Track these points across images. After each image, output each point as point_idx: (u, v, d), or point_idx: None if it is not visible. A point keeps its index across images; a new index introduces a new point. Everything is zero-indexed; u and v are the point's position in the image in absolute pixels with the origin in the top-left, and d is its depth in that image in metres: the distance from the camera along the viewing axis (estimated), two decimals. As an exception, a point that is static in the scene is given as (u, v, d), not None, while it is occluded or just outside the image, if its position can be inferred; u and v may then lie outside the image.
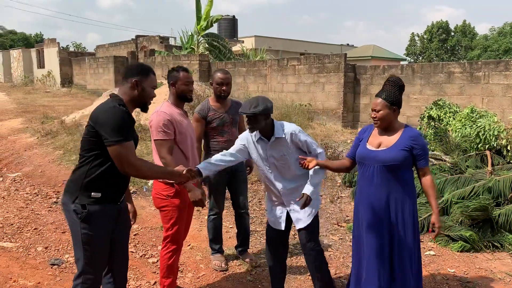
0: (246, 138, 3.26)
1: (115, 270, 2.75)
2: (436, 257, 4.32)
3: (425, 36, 49.02)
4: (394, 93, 2.88)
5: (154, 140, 3.19)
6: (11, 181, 7.26)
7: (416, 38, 50.64)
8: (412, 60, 47.76)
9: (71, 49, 42.81)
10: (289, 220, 3.29)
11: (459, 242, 4.40)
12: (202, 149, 4.08)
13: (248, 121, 3.06)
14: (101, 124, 2.37)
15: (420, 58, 48.59)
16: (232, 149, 3.28)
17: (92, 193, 2.45)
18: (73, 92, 22.12)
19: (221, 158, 3.19)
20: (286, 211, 3.26)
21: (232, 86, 4.08)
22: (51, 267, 4.08)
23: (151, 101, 2.68)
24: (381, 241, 2.90)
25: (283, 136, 3.12)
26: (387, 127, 2.93)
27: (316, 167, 3.06)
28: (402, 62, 28.07)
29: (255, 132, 3.16)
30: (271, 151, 3.16)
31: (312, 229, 3.23)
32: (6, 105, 16.99)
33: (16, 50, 30.50)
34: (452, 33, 48.29)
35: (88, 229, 2.46)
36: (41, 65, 27.31)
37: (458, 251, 4.38)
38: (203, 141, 4.03)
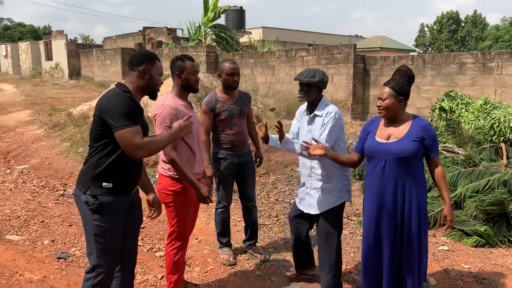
0: (301, 108, 3.36)
1: (123, 265, 2.69)
2: (450, 252, 4.21)
3: (435, 27, 48.39)
4: (402, 83, 2.78)
5: (157, 133, 3.09)
6: (19, 173, 7.23)
7: (426, 29, 50.02)
8: (421, 51, 47.18)
9: (79, 41, 42.83)
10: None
11: (474, 237, 4.28)
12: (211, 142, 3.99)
13: (301, 89, 3.17)
14: (105, 111, 2.34)
15: (430, 49, 48.00)
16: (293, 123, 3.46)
17: (104, 184, 2.41)
18: (80, 84, 22.14)
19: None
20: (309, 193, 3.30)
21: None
22: (58, 261, 4.03)
23: (159, 89, 2.62)
24: (393, 236, 2.83)
25: (321, 114, 3.17)
26: (392, 117, 2.83)
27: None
28: (411, 53, 27.74)
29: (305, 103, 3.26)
30: (310, 126, 3.23)
31: (326, 217, 3.22)
32: (14, 97, 17.03)
33: (24, 42, 30.56)
34: (463, 24, 47.60)
35: (100, 221, 2.42)
36: (49, 57, 27.34)
37: (472, 246, 4.26)
38: (211, 134, 3.94)
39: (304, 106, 3.39)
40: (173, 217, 3.15)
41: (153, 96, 2.61)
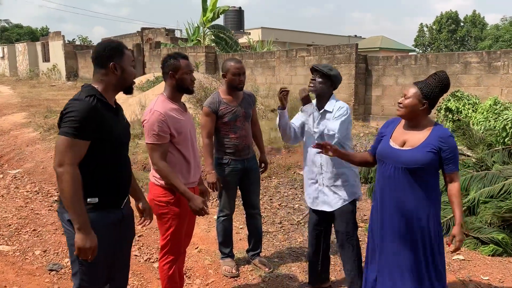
0: (310, 104, 3.22)
1: (113, 283, 2.43)
2: (466, 262, 3.97)
3: (434, 27, 48.28)
4: (433, 88, 2.52)
5: (146, 143, 2.82)
6: (12, 178, 6.99)
7: (425, 29, 49.87)
8: (420, 51, 46.99)
9: (77, 42, 42.59)
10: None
11: (490, 245, 4.05)
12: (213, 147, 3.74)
13: (314, 78, 3.10)
14: (62, 118, 2.10)
15: (429, 49, 47.84)
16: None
17: (88, 199, 2.13)
18: (78, 86, 21.83)
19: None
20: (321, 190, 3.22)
21: None
22: (49, 273, 3.79)
23: (135, 81, 2.36)
24: (399, 248, 2.62)
25: (331, 110, 3.10)
26: (410, 120, 2.59)
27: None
28: (411, 53, 27.54)
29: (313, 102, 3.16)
30: (319, 122, 3.13)
31: (343, 216, 3.15)
32: (10, 99, 16.75)
33: (21, 43, 30.28)
34: (462, 24, 47.47)
35: None
36: (46, 58, 27.08)
37: (489, 255, 4.02)
38: (214, 137, 3.70)
39: (313, 102, 3.22)
40: (165, 230, 2.88)
41: (129, 91, 2.33)
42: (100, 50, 2.23)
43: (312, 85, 3.11)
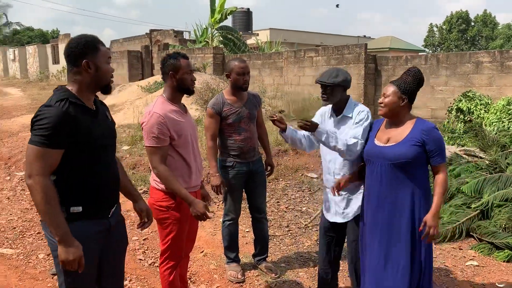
0: (323, 110, 3.15)
1: None
2: (480, 268, 3.83)
3: (444, 27, 47.80)
4: (408, 83, 2.60)
5: (145, 146, 2.74)
6: (19, 180, 6.95)
7: (435, 29, 49.41)
8: (430, 51, 46.59)
9: (87, 45, 42.73)
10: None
11: (506, 250, 3.91)
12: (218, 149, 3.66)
13: (324, 92, 2.95)
14: (32, 126, 1.95)
15: (439, 50, 47.38)
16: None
17: (71, 208, 2.00)
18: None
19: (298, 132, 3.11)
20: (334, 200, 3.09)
21: None
22: (52, 277, 3.73)
23: (112, 80, 2.17)
24: (384, 246, 2.63)
25: (351, 116, 2.94)
26: (393, 118, 2.64)
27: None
28: (420, 53, 27.26)
29: (329, 106, 3.05)
30: (337, 128, 2.99)
31: (356, 225, 3.00)
32: (20, 101, 16.87)
33: (31, 46, 30.55)
34: (472, 23, 46.94)
35: None
36: (56, 60, 27.28)
37: (504, 261, 3.88)
38: (218, 139, 3.61)
39: (326, 108, 3.13)
40: (166, 235, 2.79)
41: (106, 91, 2.14)
42: (72, 46, 2.05)
43: (325, 98, 2.97)
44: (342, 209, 3.04)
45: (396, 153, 2.53)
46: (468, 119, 7.19)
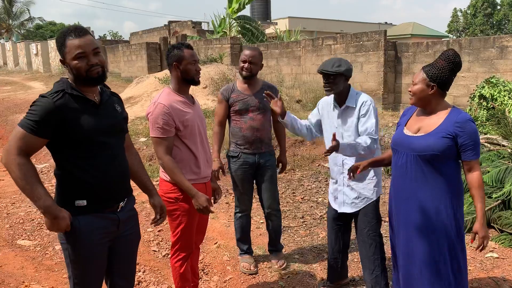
0: (325, 101, 3.13)
1: None
2: (500, 260, 3.71)
3: (469, 11, 46.40)
4: (439, 69, 2.35)
5: (151, 137, 2.71)
6: (39, 172, 7.09)
7: (459, 13, 48.05)
8: (454, 37, 45.38)
9: (108, 37, 43.32)
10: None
11: (527, 242, 3.77)
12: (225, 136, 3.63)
13: (327, 81, 2.91)
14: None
15: (463, 35, 46.11)
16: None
17: (76, 202, 2.01)
18: (107, 80, 22.14)
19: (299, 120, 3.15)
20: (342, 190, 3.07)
21: (262, 67, 3.57)
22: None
23: (95, 69, 2.02)
24: (412, 238, 2.50)
25: (354, 106, 2.92)
26: (424, 106, 2.44)
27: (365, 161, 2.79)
28: (442, 39, 26.59)
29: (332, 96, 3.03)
30: (340, 120, 2.99)
31: (365, 213, 3.00)
32: (42, 95, 17.17)
33: (53, 40, 30.98)
34: (499, 7, 45.46)
35: (76, 247, 2.03)
36: (77, 54, 27.59)
37: (526, 253, 3.76)
38: (228, 128, 3.59)
39: (327, 98, 3.10)
40: (175, 227, 2.79)
41: (90, 83, 2.04)
42: (57, 37, 2.04)
43: (328, 88, 2.93)
44: (351, 199, 3.01)
45: (423, 144, 2.36)
46: (491, 106, 6.95)
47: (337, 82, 2.89)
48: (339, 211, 3.08)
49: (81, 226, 2.00)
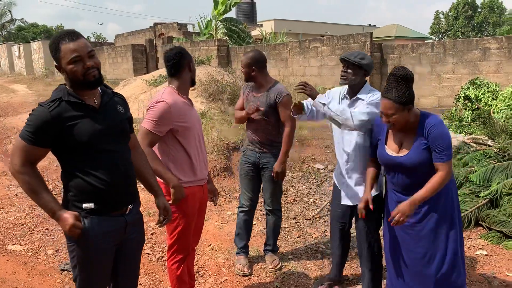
0: (336, 91, 3.10)
1: None
2: (489, 257, 3.80)
3: (450, 14, 47.20)
4: (404, 91, 2.38)
5: (141, 126, 2.69)
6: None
7: (441, 16, 48.84)
8: (436, 39, 46.06)
9: (92, 39, 42.89)
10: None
11: (515, 239, 3.87)
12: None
13: (346, 70, 2.89)
14: None
15: (445, 37, 46.85)
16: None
17: (84, 205, 2.01)
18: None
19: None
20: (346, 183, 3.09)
21: (260, 69, 3.64)
22: (61, 273, 3.75)
23: (92, 72, 1.99)
24: (405, 236, 2.63)
25: (364, 99, 2.88)
26: (405, 126, 2.49)
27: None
28: (426, 41, 26.98)
29: (345, 86, 3.00)
30: (348, 106, 2.94)
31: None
32: (26, 98, 16.90)
33: (36, 42, 30.57)
34: (479, 9, 46.31)
35: (83, 250, 2.04)
36: (61, 56, 27.24)
37: (514, 250, 3.85)
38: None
39: (341, 88, 3.08)
40: (173, 229, 2.79)
41: (88, 86, 2.01)
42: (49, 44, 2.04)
43: (344, 77, 2.90)
44: (353, 191, 3.05)
45: (413, 162, 2.46)
46: (476, 106, 7.10)
47: (356, 74, 2.87)
48: (342, 203, 3.12)
49: (89, 229, 2.01)
